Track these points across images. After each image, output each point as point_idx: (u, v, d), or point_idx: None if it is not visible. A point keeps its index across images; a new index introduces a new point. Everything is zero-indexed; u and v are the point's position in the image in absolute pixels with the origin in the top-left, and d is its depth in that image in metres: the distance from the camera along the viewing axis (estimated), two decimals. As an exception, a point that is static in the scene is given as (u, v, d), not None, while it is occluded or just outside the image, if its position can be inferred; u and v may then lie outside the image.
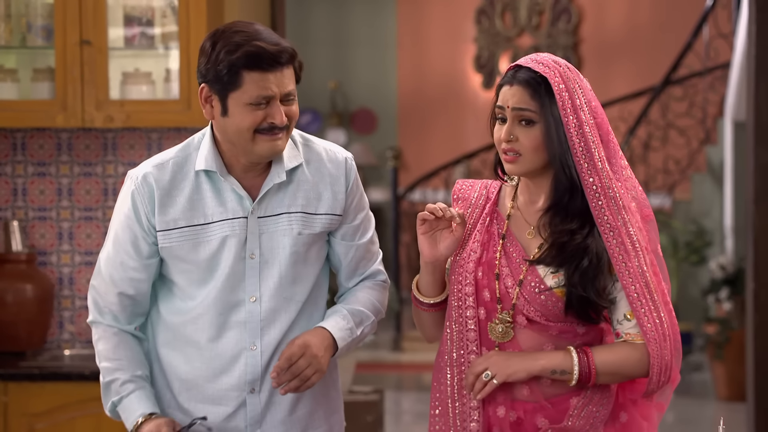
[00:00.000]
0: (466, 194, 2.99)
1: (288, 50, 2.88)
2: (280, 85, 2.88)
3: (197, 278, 2.98)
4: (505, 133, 2.83)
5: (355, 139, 12.98)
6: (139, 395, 3.00)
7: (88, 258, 4.58)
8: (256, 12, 5.00)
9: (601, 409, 2.86)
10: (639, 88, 10.93)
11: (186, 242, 2.96)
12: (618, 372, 2.82)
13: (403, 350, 10.57)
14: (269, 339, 2.99)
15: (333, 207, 3.02)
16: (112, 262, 3.02)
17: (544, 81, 2.81)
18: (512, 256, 2.87)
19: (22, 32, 4.43)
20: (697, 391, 9.15)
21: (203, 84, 2.92)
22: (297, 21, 12.51)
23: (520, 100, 2.82)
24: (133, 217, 2.98)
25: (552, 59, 2.85)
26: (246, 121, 2.88)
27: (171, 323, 3.02)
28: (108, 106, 4.30)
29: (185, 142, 3.05)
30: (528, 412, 2.86)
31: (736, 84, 9.23)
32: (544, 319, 2.84)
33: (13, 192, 4.58)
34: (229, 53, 2.85)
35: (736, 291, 8.79)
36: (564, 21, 12.20)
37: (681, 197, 10.52)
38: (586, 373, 2.80)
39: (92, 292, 3.06)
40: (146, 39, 4.40)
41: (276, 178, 2.97)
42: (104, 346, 3.05)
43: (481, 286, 2.87)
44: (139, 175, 2.99)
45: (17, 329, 4.44)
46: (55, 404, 4.23)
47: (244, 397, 3.00)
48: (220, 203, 2.97)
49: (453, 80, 12.69)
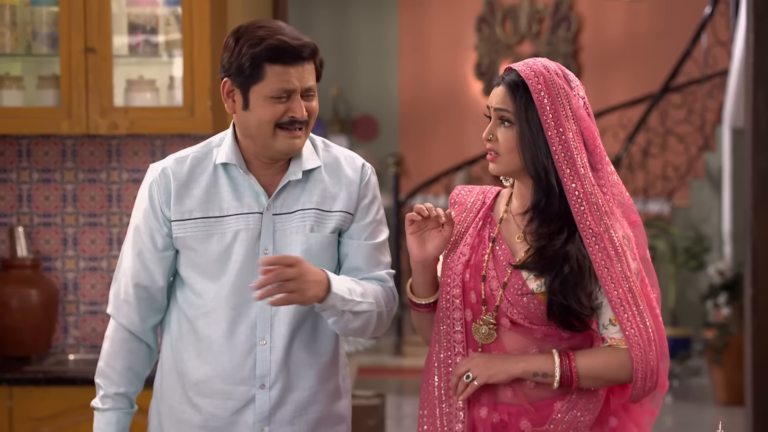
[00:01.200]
0: (463, 199, 3.02)
1: (310, 45, 2.92)
2: (302, 80, 2.91)
3: (210, 272, 3.00)
4: (486, 132, 2.89)
5: (356, 145, 13.00)
6: (109, 419, 3.08)
7: (93, 264, 4.60)
8: (259, 20, 5.02)
9: (586, 414, 2.87)
10: (638, 95, 10.96)
11: (199, 233, 2.99)
12: (601, 376, 2.83)
13: (404, 355, 10.59)
14: (279, 335, 3.00)
15: (347, 205, 3.03)
16: (131, 253, 3.05)
17: (525, 84, 2.85)
18: (500, 260, 2.90)
19: (28, 40, 4.45)
20: (695, 396, 9.17)
21: (226, 78, 2.95)
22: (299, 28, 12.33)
23: (501, 101, 2.87)
24: (149, 209, 3.02)
25: (543, 64, 2.87)
26: (267, 114, 2.91)
27: (186, 316, 3.04)
28: (112, 113, 4.32)
29: (207, 140, 3.09)
30: (512, 415, 2.87)
31: (734, 91, 9.25)
32: (527, 322, 2.85)
33: (18, 198, 4.60)
34: (252, 47, 2.88)
35: (734, 296, 8.82)
36: (564, 29, 12.24)
37: (680, 203, 10.55)
38: (567, 376, 2.81)
39: (114, 284, 3.09)
40: (150, 47, 4.42)
41: (293, 176, 2.99)
42: (109, 344, 3.09)
43: (468, 288, 2.90)
44: (158, 168, 3.03)
45: (22, 334, 4.46)
46: (60, 408, 4.24)
47: (253, 393, 3.01)
48: (236, 197, 2.99)
49: (454, 87, 12.72)
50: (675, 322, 9.68)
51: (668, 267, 9.59)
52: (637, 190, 10.58)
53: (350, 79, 12.99)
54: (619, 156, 10.42)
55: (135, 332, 3.08)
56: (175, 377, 3.07)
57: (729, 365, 8.50)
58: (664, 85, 10.44)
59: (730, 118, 9.52)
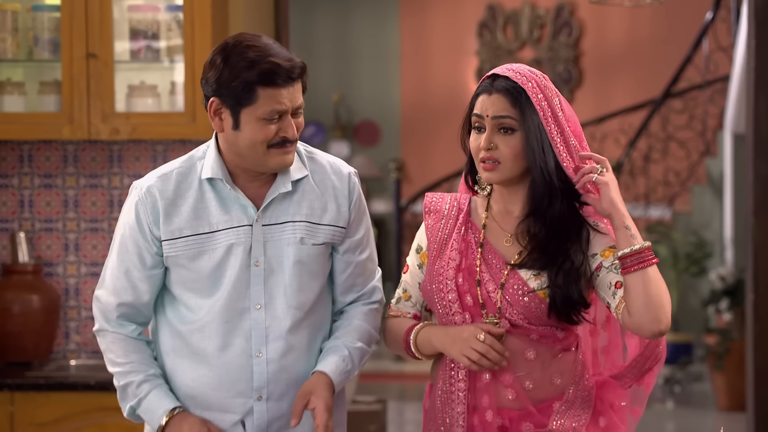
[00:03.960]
0: (438, 206, 3.04)
1: (299, 65, 2.92)
2: (292, 100, 2.91)
3: (203, 289, 2.99)
4: (485, 141, 2.88)
5: (358, 151, 13.01)
6: (157, 393, 3.00)
7: (94, 269, 4.60)
8: (261, 25, 5.02)
9: (582, 413, 2.92)
10: (639, 100, 10.97)
11: (191, 251, 2.98)
12: (656, 291, 2.80)
13: (405, 360, 10.59)
14: (274, 346, 3.00)
15: (337, 219, 3.04)
16: (116, 272, 3.03)
17: (524, 90, 2.86)
18: (492, 263, 2.92)
19: (29, 46, 4.46)
20: (697, 401, 9.17)
21: (213, 98, 2.94)
22: (301, 34, 12.55)
23: (501, 108, 2.87)
24: (136, 228, 3.00)
25: (528, 70, 2.91)
26: (259, 136, 2.90)
27: (178, 331, 3.03)
28: (114, 119, 4.33)
29: (189, 154, 3.07)
30: (513, 420, 2.90)
31: (735, 97, 9.26)
32: (526, 322, 2.88)
33: (20, 203, 4.61)
34: (244, 70, 2.87)
35: (735, 302, 8.81)
36: (565, 34, 12.25)
37: (681, 209, 10.55)
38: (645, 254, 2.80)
39: (96, 303, 3.07)
40: (152, 52, 4.43)
41: (282, 188, 2.99)
42: (113, 352, 3.05)
43: (463, 291, 2.92)
44: (143, 186, 3.01)
45: (24, 340, 4.46)
46: (61, 414, 4.25)
47: (251, 405, 3.01)
48: (224, 211, 2.98)
49: (455, 93, 12.72)
50: (676, 328, 9.68)
51: (669, 272, 9.59)
52: (638, 195, 10.58)
53: (352, 84, 13.00)
54: (621, 161, 10.42)
55: (129, 335, 3.06)
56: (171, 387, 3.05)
57: (730, 371, 8.50)
58: (666, 90, 10.44)
59: (732, 123, 9.53)
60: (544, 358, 2.92)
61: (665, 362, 3.10)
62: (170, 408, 2.98)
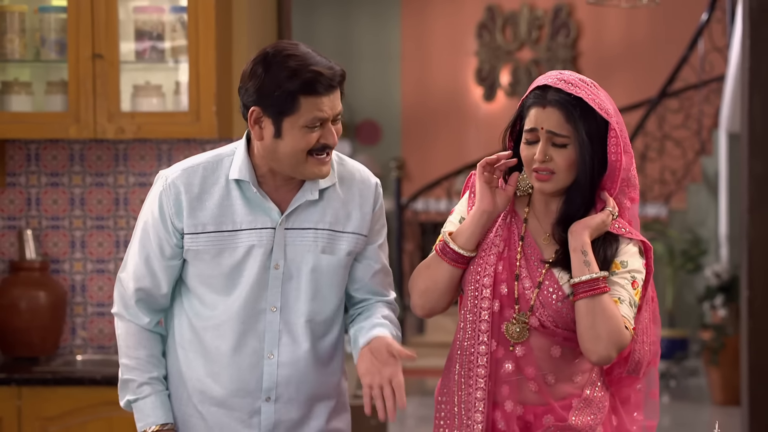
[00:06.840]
0: None
1: (339, 72, 2.94)
2: (333, 107, 2.92)
3: (219, 286, 3.00)
4: (540, 154, 2.88)
5: (359, 150, 13.04)
6: (154, 401, 3.03)
7: (100, 266, 4.63)
8: (264, 26, 5.03)
9: (597, 413, 2.95)
10: (636, 100, 10.99)
11: (212, 247, 2.98)
12: (600, 315, 2.84)
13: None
14: (287, 349, 3.01)
15: (360, 227, 3.05)
16: (137, 257, 3.04)
17: (579, 102, 2.87)
18: (530, 258, 2.93)
19: (36, 46, 4.49)
20: (692, 396, 9.21)
21: (254, 107, 2.91)
22: (303, 34, 12.57)
23: (556, 124, 2.87)
24: (158, 218, 3.01)
25: (578, 78, 2.91)
26: (301, 144, 2.90)
27: (192, 326, 3.04)
28: (119, 118, 4.35)
29: (217, 150, 3.06)
30: (537, 416, 2.93)
31: (730, 96, 9.28)
32: (554, 325, 2.90)
33: (27, 202, 4.63)
34: (286, 79, 2.86)
35: (730, 298, 8.86)
36: (563, 35, 12.29)
37: (677, 207, 10.58)
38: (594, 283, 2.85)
39: (118, 285, 3.08)
40: (157, 53, 4.44)
41: (309, 195, 2.99)
42: (124, 341, 3.06)
43: (500, 280, 2.92)
44: (169, 177, 3.00)
45: (31, 335, 4.49)
46: (68, 408, 4.28)
47: (259, 405, 3.02)
48: (249, 212, 2.98)
49: (455, 93, 12.77)
50: (672, 324, 9.73)
51: (666, 269, 9.64)
52: (635, 193, 10.60)
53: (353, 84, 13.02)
54: (618, 160, 10.44)
55: (144, 327, 3.08)
56: (181, 380, 3.07)
57: (725, 366, 8.54)
58: (662, 90, 10.48)
59: (727, 122, 9.55)
60: (567, 357, 2.93)
61: (661, 357, 3.15)
62: (161, 422, 3.02)
